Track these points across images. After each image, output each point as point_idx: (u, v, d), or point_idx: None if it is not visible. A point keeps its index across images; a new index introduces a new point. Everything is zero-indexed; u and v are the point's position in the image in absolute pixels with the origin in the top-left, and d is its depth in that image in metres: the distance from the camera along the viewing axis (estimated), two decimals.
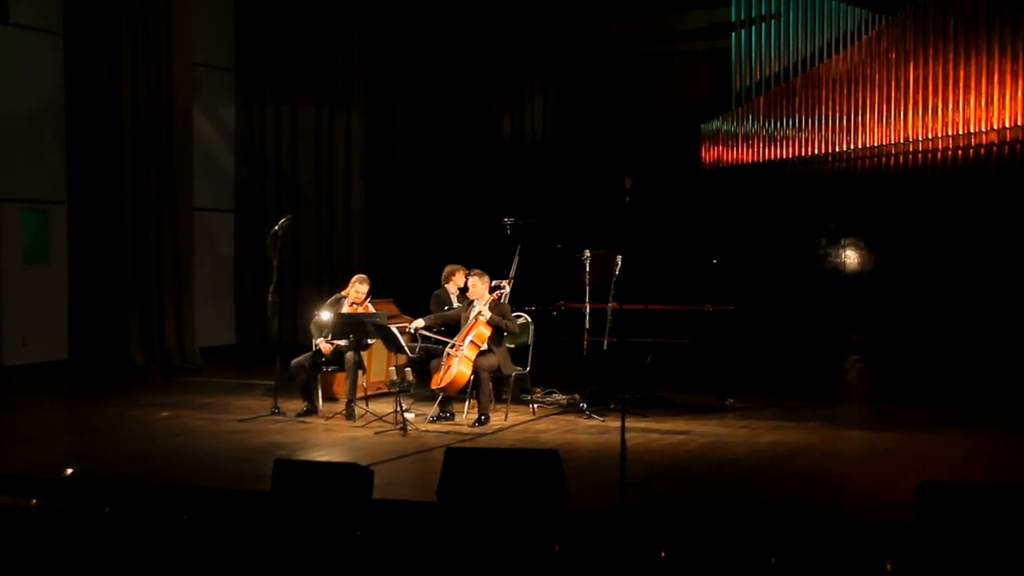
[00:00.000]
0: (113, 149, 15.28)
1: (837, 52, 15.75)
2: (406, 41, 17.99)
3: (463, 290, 11.81)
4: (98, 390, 13.70)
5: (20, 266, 15.26)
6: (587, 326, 11.47)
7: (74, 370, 15.11)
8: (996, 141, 14.23)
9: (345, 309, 11.23)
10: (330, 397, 11.87)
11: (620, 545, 5.70)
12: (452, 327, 11.36)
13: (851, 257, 15.88)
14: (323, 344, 11.13)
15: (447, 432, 10.32)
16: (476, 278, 11.10)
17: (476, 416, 10.75)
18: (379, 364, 12.28)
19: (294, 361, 11.13)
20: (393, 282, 16.22)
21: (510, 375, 11.21)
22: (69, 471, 7.59)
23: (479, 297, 11.02)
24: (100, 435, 10.41)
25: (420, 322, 11.30)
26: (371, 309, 11.40)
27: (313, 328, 11.35)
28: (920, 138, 14.84)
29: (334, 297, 11.48)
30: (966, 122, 14.45)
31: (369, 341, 11.10)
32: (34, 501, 6.69)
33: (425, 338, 11.65)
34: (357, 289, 11.29)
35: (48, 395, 13.58)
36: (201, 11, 16.66)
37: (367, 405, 11.02)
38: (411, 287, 15.12)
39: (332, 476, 6.15)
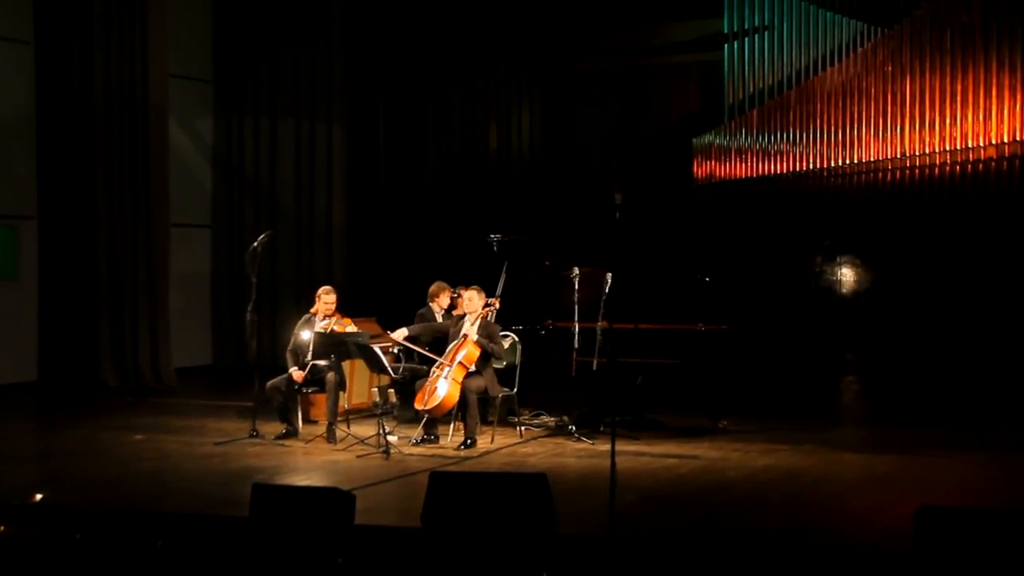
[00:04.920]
0: (86, 162, 15.08)
1: (832, 65, 15.70)
2: (389, 52, 17.96)
3: (448, 310, 11.80)
4: (69, 412, 13.54)
5: None
6: (576, 346, 11.41)
7: (44, 391, 14.92)
8: (995, 156, 14.23)
9: (318, 327, 11.12)
10: (310, 419, 11.78)
11: (610, 572, 5.92)
12: (439, 341, 11.23)
13: (847, 275, 15.86)
14: (296, 373, 11.01)
15: (431, 455, 10.24)
16: (474, 292, 11.00)
17: (461, 439, 10.61)
18: (361, 385, 12.22)
19: (269, 383, 11.03)
20: (375, 300, 16.15)
21: (496, 396, 11.10)
22: (39, 496, 7.70)
23: (472, 311, 10.90)
24: (71, 459, 10.28)
25: (403, 331, 11.11)
26: (347, 322, 11.27)
27: (289, 356, 11.25)
28: (917, 153, 14.84)
29: (304, 318, 11.41)
30: (964, 137, 14.43)
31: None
32: (2, 528, 6.67)
33: (409, 357, 11.57)
34: (325, 301, 11.20)
35: (17, 417, 13.37)
36: (178, 21, 16.51)
37: (348, 427, 10.92)
38: (394, 305, 15.00)
39: (312, 501, 6.15)
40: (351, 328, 11.24)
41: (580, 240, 15.74)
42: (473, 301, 10.91)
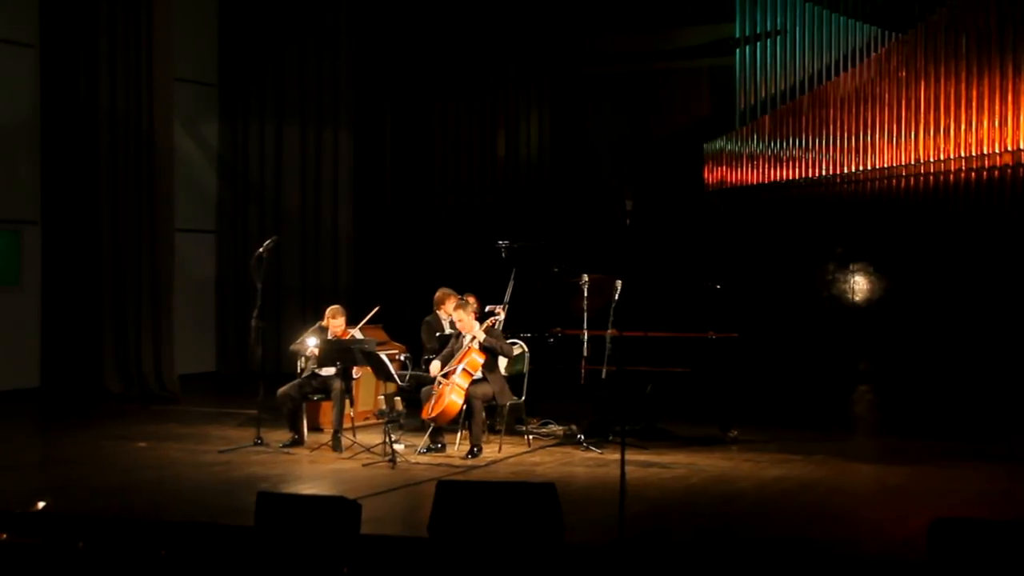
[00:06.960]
0: (90, 167, 15.00)
1: (846, 70, 15.65)
2: (396, 57, 17.99)
3: None
4: (72, 419, 13.50)
5: None
6: (585, 354, 11.33)
7: (46, 398, 14.84)
8: (1010, 163, 14.18)
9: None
10: (316, 427, 11.68)
11: None
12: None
13: (860, 283, 15.89)
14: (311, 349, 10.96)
15: (438, 464, 10.19)
16: (460, 311, 10.86)
17: (468, 448, 10.54)
18: (367, 393, 12.13)
19: (281, 390, 10.94)
20: (382, 307, 16.03)
21: (504, 405, 10.99)
22: (42, 504, 7.72)
23: (468, 330, 10.78)
24: (74, 467, 10.21)
25: (437, 365, 10.87)
26: (356, 335, 11.21)
27: (298, 348, 11.21)
28: (931, 159, 14.79)
29: (317, 325, 11.33)
30: (979, 143, 14.36)
31: (355, 375, 10.97)
32: (4, 536, 6.73)
33: (416, 365, 11.58)
34: (333, 325, 11.12)
35: (19, 424, 13.34)
36: (184, 25, 16.42)
37: (354, 436, 10.86)
38: (401, 313, 14.95)
39: (318, 510, 6.17)
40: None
41: (589, 247, 15.78)
42: (464, 322, 10.75)
